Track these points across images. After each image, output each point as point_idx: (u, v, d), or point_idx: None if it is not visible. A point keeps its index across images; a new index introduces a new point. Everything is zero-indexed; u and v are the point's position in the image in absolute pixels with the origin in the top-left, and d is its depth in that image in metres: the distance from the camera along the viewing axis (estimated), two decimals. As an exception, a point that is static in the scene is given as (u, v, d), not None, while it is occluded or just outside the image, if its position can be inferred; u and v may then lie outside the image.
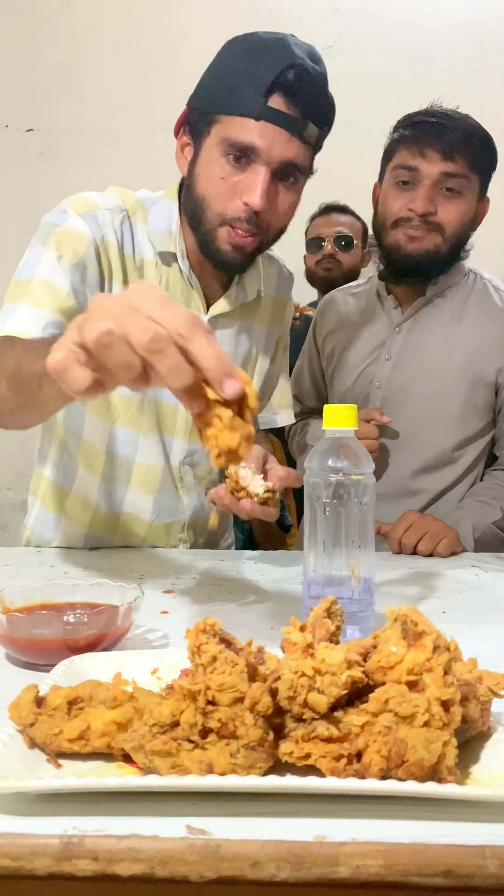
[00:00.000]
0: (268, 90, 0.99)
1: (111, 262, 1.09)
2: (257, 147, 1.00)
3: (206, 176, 1.05)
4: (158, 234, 1.13)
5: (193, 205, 1.08)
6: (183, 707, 0.51)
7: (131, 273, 1.12)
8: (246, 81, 1.00)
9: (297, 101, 1.00)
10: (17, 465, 2.38)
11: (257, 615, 0.91)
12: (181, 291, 1.16)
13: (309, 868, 0.43)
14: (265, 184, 1.01)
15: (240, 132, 1.00)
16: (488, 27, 2.31)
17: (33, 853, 0.44)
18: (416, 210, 1.30)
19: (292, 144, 1.01)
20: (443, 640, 0.54)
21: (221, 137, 1.02)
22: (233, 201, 1.03)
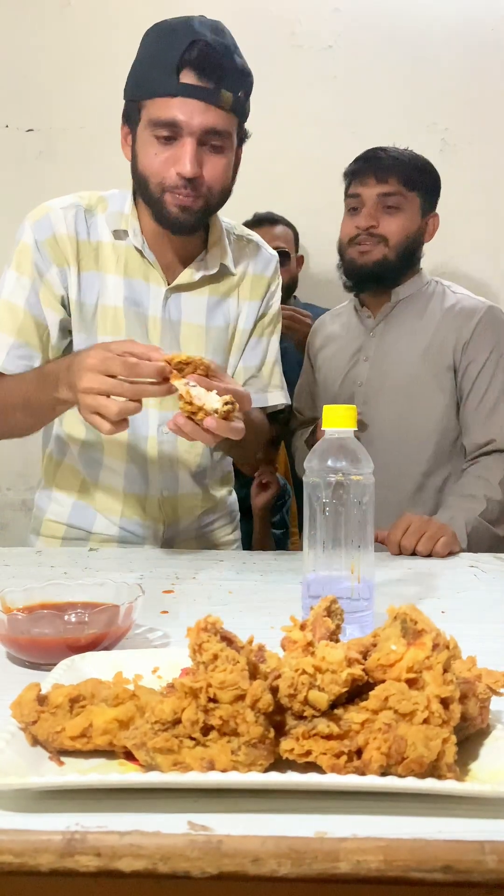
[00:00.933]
0: (177, 68, 1.09)
1: (65, 253, 1.22)
2: (178, 121, 1.11)
3: (143, 155, 1.17)
4: (113, 216, 1.26)
5: (140, 182, 1.20)
6: (184, 704, 0.51)
7: (86, 255, 1.24)
8: (159, 65, 1.11)
9: (206, 73, 1.10)
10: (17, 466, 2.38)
11: (257, 615, 0.92)
12: (139, 267, 1.26)
13: (310, 864, 0.44)
14: (192, 153, 1.12)
15: (161, 111, 1.12)
16: (489, 27, 2.31)
17: (36, 849, 0.44)
18: (361, 226, 1.55)
19: (210, 112, 1.11)
20: (442, 638, 0.54)
21: (148, 119, 1.14)
22: (168, 173, 1.15)
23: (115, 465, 1.29)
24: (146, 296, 1.26)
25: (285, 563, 1.25)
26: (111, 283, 1.24)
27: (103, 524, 1.32)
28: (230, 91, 1.13)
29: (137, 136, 1.17)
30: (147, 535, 1.33)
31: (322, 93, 2.33)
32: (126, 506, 1.31)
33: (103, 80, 2.36)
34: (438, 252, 2.25)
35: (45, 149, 2.35)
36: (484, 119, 2.32)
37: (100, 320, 1.25)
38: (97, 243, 1.24)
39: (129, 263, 1.25)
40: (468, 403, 1.55)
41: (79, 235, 1.23)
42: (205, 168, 1.14)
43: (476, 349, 1.55)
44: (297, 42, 2.33)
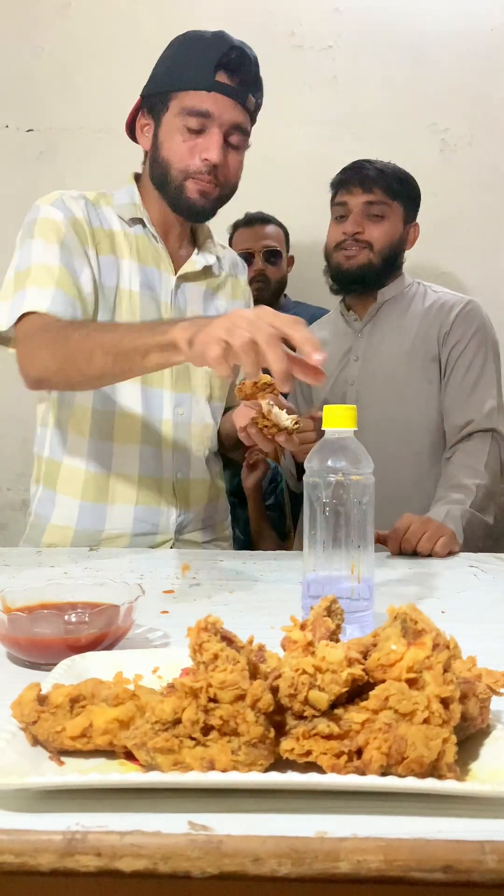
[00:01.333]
0: (215, 67, 1.22)
1: (85, 232, 1.27)
2: (211, 112, 1.22)
3: (168, 142, 1.25)
4: (124, 207, 1.33)
5: (160, 168, 1.27)
6: (185, 704, 0.51)
7: (102, 240, 1.29)
8: (196, 63, 1.23)
9: (238, 76, 1.23)
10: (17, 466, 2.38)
11: (257, 615, 0.92)
12: (151, 253, 1.34)
13: (310, 864, 0.44)
14: (220, 142, 1.23)
15: (196, 101, 1.22)
16: (489, 26, 2.31)
17: (36, 849, 0.44)
18: (347, 232, 1.64)
19: (237, 110, 1.24)
20: (442, 637, 0.54)
21: (180, 108, 1.23)
22: (193, 159, 1.24)
23: (128, 450, 1.30)
24: (158, 282, 1.33)
25: (285, 562, 1.25)
26: (126, 268, 1.30)
27: (116, 518, 1.30)
28: (254, 96, 1.27)
29: (163, 125, 1.26)
30: (160, 523, 1.33)
31: (322, 93, 2.33)
32: (141, 491, 1.31)
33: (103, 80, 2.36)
34: (438, 252, 2.25)
35: (45, 149, 2.35)
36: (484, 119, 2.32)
37: (118, 303, 1.29)
38: (110, 230, 1.30)
39: (142, 250, 1.32)
40: (448, 387, 1.62)
41: (91, 222, 1.28)
42: (225, 158, 1.25)
43: (455, 336, 1.63)
44: (297, 42, 2.33)
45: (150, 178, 1.31)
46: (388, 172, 1.66)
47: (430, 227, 2.14)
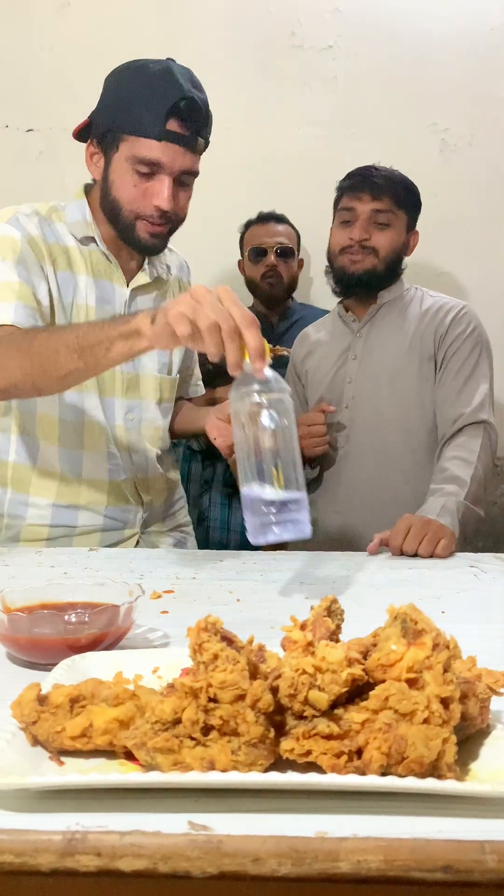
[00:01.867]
0: (166, 117, 1.23)
1: (41, 250, 1.31)
2: (162, 161, 1.25)
3: (119, 184, 1.29)
4: (76, 224, 1.36)
5: (110, 205, 1.31)
6: (185, 704, 0.51)
7: (59, 256, 1.33)
8: (146, 108, 1.24)
9: (188, 123, 1.25)
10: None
11: (257, 615, 0.92)
12: (104, 268, 1.38)
13: (310, 864, 0.44)
14: (170, 190, 1.27)
15: (146, 150, 1.25)
16: (489, 26, 2.31)
17: (36, 849, 0.44)
18: (355, 238, 1.66)
19: (187, 157, 1.27)
20: (442, 638, 0.54)
21: (130, 154, 1.26)
22: (144, 203, 1.28)
23: (95, 456, 1.36)
24: (113, 295, 1.38)
25: (285, 562, 1.25)
26: (83, 284, 1.35)
27: (87, 516, 1.37)
28: (204, 138, 1.29)
29: (112, 163, 1.29)
30: (128, 520, 1.41)
31: (322, 93, 2.33)
32: (111, 494, 1.38)
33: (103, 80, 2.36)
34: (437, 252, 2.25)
35: (45, 149, 2.35)
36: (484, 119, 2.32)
37: (75, 317, 1.34)
38: (66, 247, 1.35)
39: (95, 265, 1.37)
40: (441, 383, 1.65)
41: (47, 239, 1.32)
42: (176, 200, 1.29)
43: (451, 336, 1.67)
44: (297, 42, 2.33)
45: (101, 207, 1.34)
46: (396, 181, 1.69)
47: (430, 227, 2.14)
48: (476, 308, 1.74)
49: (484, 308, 1.75)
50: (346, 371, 1.73)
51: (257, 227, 2.22)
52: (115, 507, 1.38)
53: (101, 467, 1.36)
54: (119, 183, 1.28)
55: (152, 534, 1.45)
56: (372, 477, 1.64)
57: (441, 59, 2.30)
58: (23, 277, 1.26)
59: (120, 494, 1.39)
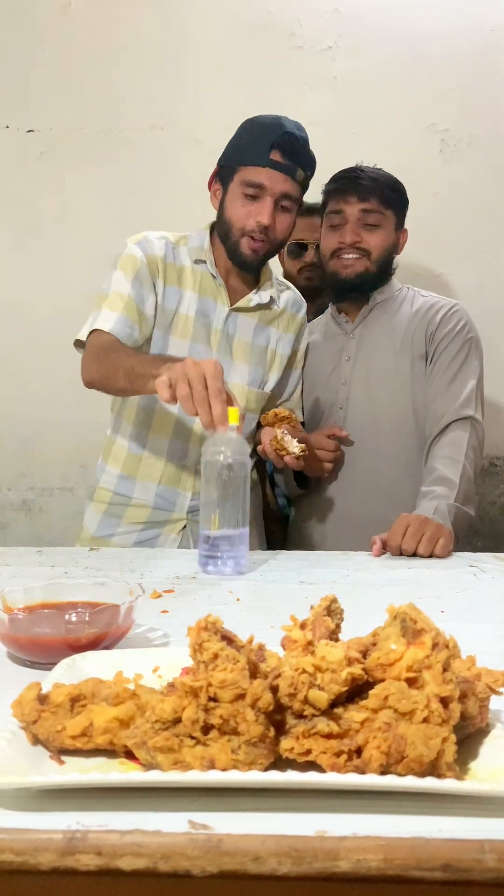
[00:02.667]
0: (270, 147, 1.48)
1: (158, 267, 1.56)
2: (265, 184, 1.49)
3: (231, 206, 1.54)
4: (194, 250, 1.61)
5: (224, 226, 1.56)
6: (185, 704, 0.51)
7: (172, 274, 1.58)
8: (256, 144, 1.50)
9: (289, 155, 1.49)
10: (18, 466, 2.37)
11: (257, 614, 0.92)
12: (211, 288, 1.60)
13: (310, 862, 0.44)
14: (270, 208, 1.50)
15: (253, 175, 1.50)
16: (489, 27, 2.31)
17: (37, 848, 0.44)
18: (346, 241, 1.67)
19: (287, 182, 1.50)
20: (442, 637, 0.54)
21: (241, 180, 1.51)
22: (249, 220, 1.51)
23: (160, 438, 1.56)
24: (213, 311, 1.59)
25: (285, 562, 1.25)
26: (188, 297, 1.58)
27: (142, 491, 1.55)
28: (303, 170, 1.52)
29: (228, 192, 1.54)
30: (177, 503, 1.55)
31: (322, 93, 2.33)
32: (165, 474, 1.55)
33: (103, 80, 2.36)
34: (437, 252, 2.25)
35: (45, 149, 2.35)
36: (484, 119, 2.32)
37: (175, 324, 1.56)
38: (181, 266, 1.59)
39: (203, 284, 1.59)
40: (430, 380, 1.66)
41: (167, 258, 1.57)
42: (276, 222, 1.51)
43: (440, 334, 1.68)
44: (297, 42, 2.33)
45: (217, 232, 1.59)
46: (382, 181, 1.70)
47: (430, 227, 2.15)
48: (475, 308, 1.75)
49: (483, 308, 1.76)
50: (340, 372, 1.73)
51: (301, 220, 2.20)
52: (167, 487, 1.55)
53: (161, 448, 1.55)
54: (231, 206, 1.53)
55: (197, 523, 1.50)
56: (368, 477, 1.65)
57: (441, 59, 2.30)
58: (134, 290, 1.50)
59: (174, 477, 1.55)
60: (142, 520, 1.54)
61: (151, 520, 1.54)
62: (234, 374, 1.59)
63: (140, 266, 1.54)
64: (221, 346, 1.59)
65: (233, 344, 1.61)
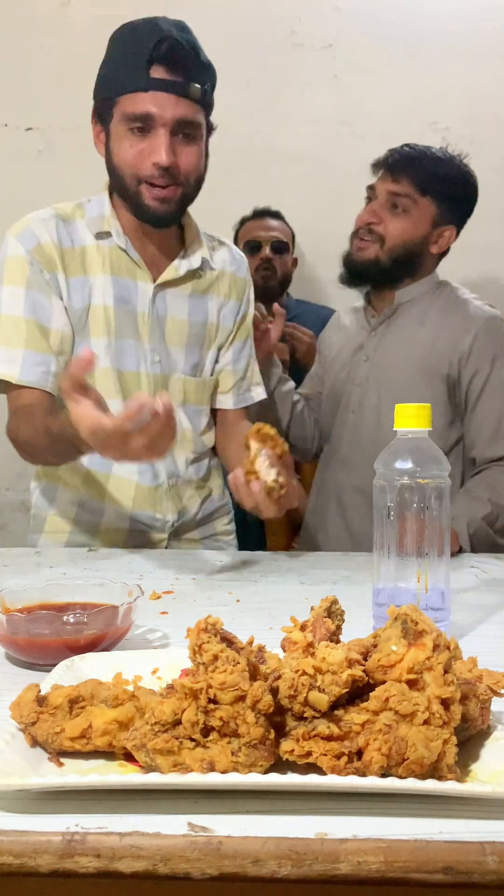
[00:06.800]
0: (148, 63, 1.15)
1: (52, 260, 1.25)
2: (152, 113, 1.16)
3: (117, 149, 1.21)
4: (93, 221, 1.28)
5: (116, 177, 1.23)
6: (184, 705, 0.51)
7: (72, 261, 1.26)
8: (129, 62, 1.17)
9: (175, 67, 1.16)
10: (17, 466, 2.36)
11: (257, 615, 0.91)
12: (125, 264, 1.29)
13: (310, 865, 0.43)
14: (166, 142, 1.17)
15: (135, 105, 1.17)
16: (489, 26, 2.31)
17: (36, 851, 0.44)
18: (362, 220, 1.52)
19: (181, 104, 1.17)
20: (443, 638, 0.54)
21: (122, 115, 1.19)
22: (143, 164, 1.19)
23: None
24: (135, 293, 1.29)
25: (285, 563, 1.25)
26: (99, 284, 1.27)
27: (113, 517, 1.33)
28: (198, 83, 1.18)
29: (111, 132, 1.21)
30: (155, 525, 1.34)
31: (322, 91, 2.32)
32: (137, 496, 1.32)
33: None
34: (438, 252, 2.25)
35: (44, 148, 2.35)
36: (484, 119, 2.31)
37: (91, 322, 1.27)
38: (81, 248, 1.27)
39: (115, 263, 1.28)
40: (476, 416, 1.52)
41: (62, 243, 1.25)
42: (179, 157, 1.19)
43: (478, 361, 1.51)
44: (297, 41, 2.33)
45: (113, 188, 1.27)
46: (426, 163, 1.49)
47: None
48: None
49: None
50: (356, 373, 1.59)
51: (252, 222, 2.21)
52: (142, 511, 1.33)
53: (130, 470, 1.31)
54: (117, 149, 1.21)
55: (183, 541, 1.39)
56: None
57: (441, 58, 2.30)
58: (31, 308, 1.22)
59: (148, 498, 1.33)
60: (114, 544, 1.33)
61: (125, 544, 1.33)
62: (170, 364, 1.33)
63: (29, 269, 1.22)
64: (154, 333, 1.30)
65: (165, 327, 1.32)
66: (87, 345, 1.26)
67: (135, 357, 1.30)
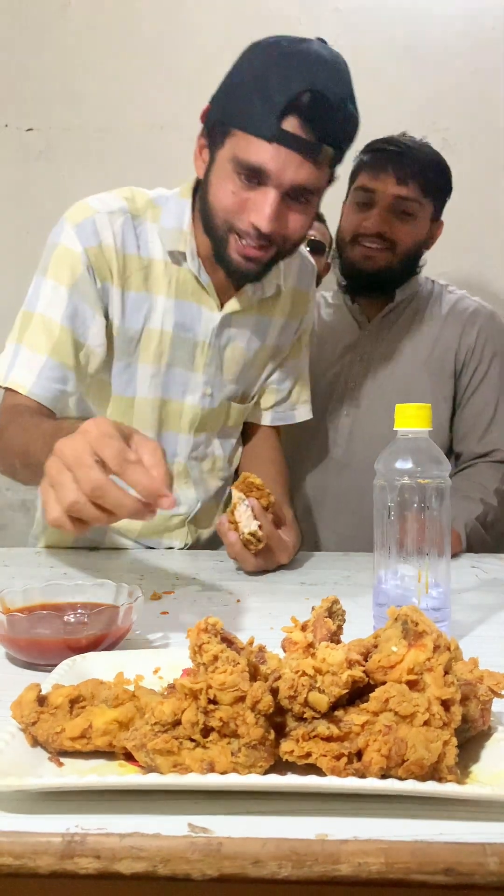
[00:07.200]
0: (282, 112, 0.96)
1: (110, 266, 1.10)
2: (268, 170, 1.00)
3: (217, 186, 1.05)
4: (169, 232, 1.13)
5: (206, 209, 1.09)
6: (184, 706, 0.51)
7: (134, 274, 1.11)
8: (261, 99, 0.97)
9: (312, 125, 0.98)
10: (17, 465, 2.38)
11: (257, 615, 0.91)
12: (192, 291, 1.16)
13: (311, 866, 0.43)
14: (273, 207, 1.01)
15: (251, 152, 0.99)
16: (489, 26, 2.31)
17: (35, 851, 0.44)
18: (370, 229, 1.42)
19: (304, 168, 1.00)
20: (443, 639, 0.54)
21: (233, 154, 1.02)
22: (241, 217, 1.04)
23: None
24: (198, 321, 1.17)
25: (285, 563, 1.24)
26: (160, 306, 1.14)
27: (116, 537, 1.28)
28: (333, 146, 1.03)
29: (216, 162, 1.05)
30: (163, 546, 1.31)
31: (322, 92, 2.32)
32: (146, 525, 1.26)
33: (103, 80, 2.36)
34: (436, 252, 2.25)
35: (45, 148, 2.35)
36: (484, 119, 2.31)
37: (143, 347, 1.15)
38: (148, 261, 1.12)
39: (182, 284, 1.15)
40: (468, 411, 1.52)
41: (126, 248, 1.10)
42: (284, 222, 1.04)
43: (479, 357, 1.50)
44: (297, 42, 2.33)
45: (198, 211, 1.12)
46: (427, 162, 1.44)
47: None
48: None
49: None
50: (349, 374, 1.53)
51: None
52: (149, 539, 1.28)
53: None
54: (217, 186, 1.05)
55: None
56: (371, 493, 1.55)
57: (441, 58, 2.30)
58: (68, 315, 1.07)
59: (156, 528, 1.26)
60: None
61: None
62: (220, 395, 1.23)
63: (80, 271, 1.07)
64: (210, 366, 1.20)
65: (224, 357, 1.21)
66: (131, 371, 1.14)
67: (182, 387, 1.20)
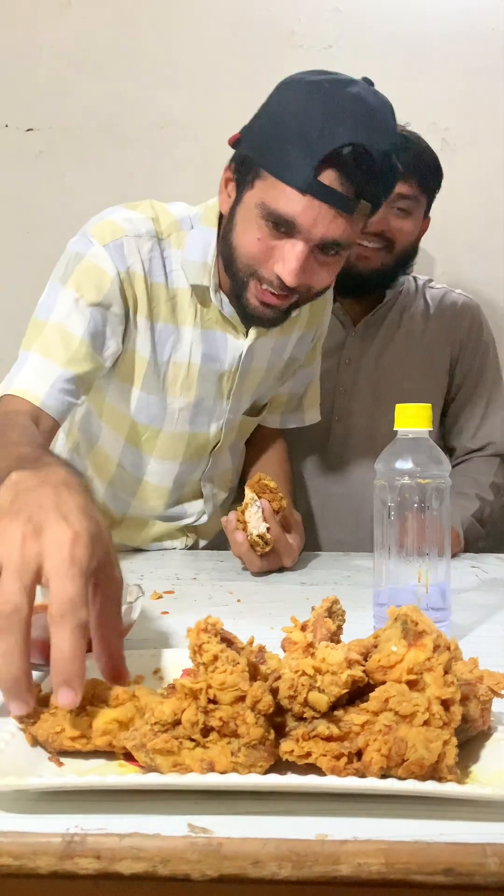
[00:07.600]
0: (320, 164, 0.90)
1: (136, 294, 1.05)
2: (298, 223, 0.94)
3: (242, 230, 0.99)
4: (192, 265, 1.07)
5: (228, 248, 1.03)
6: (184, 706, 0.51)
7: (161, 304, 1.07)
8: (298, 146, 0.90)
9: (352, 180, 0.92)
10: (17, 465, 2.38)
11: (257, 615, 0.91)
12: (216, 319, 1.12)
13: (310, 866, 0.43)
14: (301, 261, 0.95)
15: (282, 202, 0.93)
16: (489, 26, 2.31)
17: (35, 852, 0.44)
18: (369, 229, 1.33)
19: (337, 223, 0.94)
20: (443, 639, 0.54)
21: (262, 200, 0.95)
22: (265, 265, 0.99)
23: (145, 507, 1.24)
24: (224, 350, 1.12)
25: (285, 563, 1.24)
26: (188, 338, 1.10)
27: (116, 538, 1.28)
28: (371, 202, 0.96)
29: (242, 203, 0.99)
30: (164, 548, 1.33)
31: (322, 93, 2.32)
32: (154, 530, 1.28)
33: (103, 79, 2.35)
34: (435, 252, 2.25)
35: (45, 148, 2.35)
36: (484, 119, 2.31)
37: (170, 380, 1.11)
38: (175, 291, 1.07)
39: (207, 314, 1.10)
40: (461, 405, 1.51)
41: (153, 276, 1.05)
42: (310, 272, 0.98)
43: (472, 352, 1.50)
44: (297, 42, 2.33)
45: (221, 250, 1.05)
46: (426, 159, 1.40)
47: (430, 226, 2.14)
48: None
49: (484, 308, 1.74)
50: (337, 375, 1.48)
51: None
52: (156, 544, 1.30)
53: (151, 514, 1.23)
54: (242, 229, 0.98)
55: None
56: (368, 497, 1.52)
57: (441, 58, 2.30)
58: (89, 331, 1.00)
59: (165, 531, 1.28)
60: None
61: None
62: (236, 414, 1.21)
63: (108, 291, 1.01)
64: (234, 392, 1.17)
65: (246, 380, 1.18)
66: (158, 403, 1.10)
67: (208, 416, 1.18)
